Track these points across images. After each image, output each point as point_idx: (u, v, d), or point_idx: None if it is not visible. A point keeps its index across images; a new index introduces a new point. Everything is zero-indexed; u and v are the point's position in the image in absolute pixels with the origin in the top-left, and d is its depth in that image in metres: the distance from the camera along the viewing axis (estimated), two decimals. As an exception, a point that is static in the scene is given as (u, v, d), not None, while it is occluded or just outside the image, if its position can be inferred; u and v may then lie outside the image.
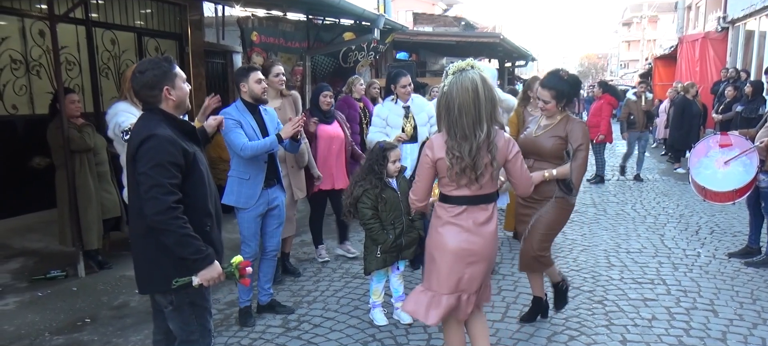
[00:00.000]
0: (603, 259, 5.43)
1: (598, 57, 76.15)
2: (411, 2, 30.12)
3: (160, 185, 2.35)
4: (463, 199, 2.77)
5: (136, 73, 2.52)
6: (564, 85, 3.61)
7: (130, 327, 4.07)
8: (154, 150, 2.37)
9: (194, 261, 2.43)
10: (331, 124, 5.24)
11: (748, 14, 13.10)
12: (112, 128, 3.97)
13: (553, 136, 3.60)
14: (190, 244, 2.41)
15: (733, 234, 6.19)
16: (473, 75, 2.67)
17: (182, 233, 2.39)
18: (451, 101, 2.67)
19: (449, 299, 2.82)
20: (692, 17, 22.33)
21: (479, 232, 2.79)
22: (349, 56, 9.18)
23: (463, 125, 2.65)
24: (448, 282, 2.81)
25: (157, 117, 2.50)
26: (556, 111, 3.64)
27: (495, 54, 18.09)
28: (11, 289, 4.77)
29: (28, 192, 6.21)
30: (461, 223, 2.78)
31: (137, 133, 2.46)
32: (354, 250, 5.53)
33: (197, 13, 8.26)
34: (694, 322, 4.02)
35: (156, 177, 2.35)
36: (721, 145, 5.18)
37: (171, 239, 2.38)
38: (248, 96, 3.92)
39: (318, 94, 5.20)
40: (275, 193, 4.04)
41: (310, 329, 4.00)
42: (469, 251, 2.78)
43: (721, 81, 12.05)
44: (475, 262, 2.81)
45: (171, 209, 2.36)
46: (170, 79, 2.51)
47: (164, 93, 2.50)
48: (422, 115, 5.03)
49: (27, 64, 6.45)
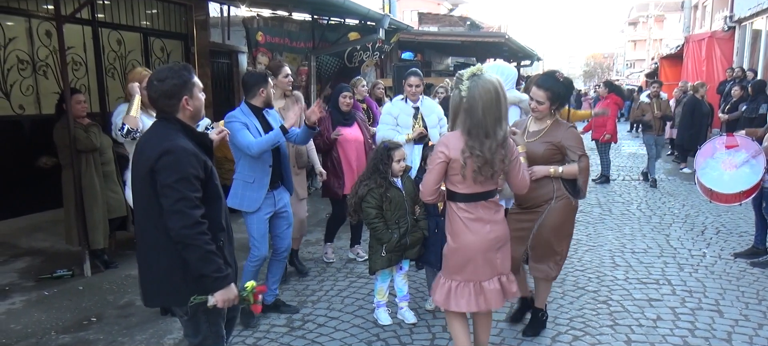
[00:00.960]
0: (608, 259, 5.41)
1: (604, 56, 75.94)
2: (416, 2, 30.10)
3: (186, 199, 2.31)
4: (475, 195, 2.94)
5: (155, 81, 2.45)
6: (560, 87, 3.51)
7: (136, 326, 4.08)
8: (178, 163, 2.32)
9: (214, 279, 2.39)
10: (352, 126, 5.22)
11: (755, 13, 13.03)
12: (113, 130, 3.95)
13: (544, 143, 3.51)
14: (213, 261, 2.37)
15: (739, 234, 6.17)
16: (491, 77, 2.85)
17: (207, 250, 2.34)
18: (475, 103, 2.81)
19: (493, 282, 3.04)
20: (699, 16, 22.25)
21: (496, 219, 3.03)
22: (354, 56, 9.18)
23: (486, 125, 2.81)
24: (485, 271, 3.02)
25: (175, 127, 2.44)
26: (547, 114, 3.54)
27: (500, 54, 18.06)
28: (18, 288, 4.80)
29: (35, 192, 6.26)
30: (483, 217, 2.98)
31: (156, 143, 2.38)
32: (364, 253, 5.47)
33: (203, 13, 8.29)
34: (699, 322, 4.01)
35: (182, 191, 2.30)
36: (727, 146, 5.17)
37: (195, 255, 2.33)
38: (262, 102, 3.93)
39: (337, 95, 5.19)
40: (281, 194, 4.05)
41: (314, 328, 4.01)
42: (496, 238, 3.01)
43: (727, 80, 12.00)
44: (503, 245, 3.07)
45: (198, 223, 2.32)
46: (189, 89, 2.47)
47: (183, 103, 2.45)
48: (432, 116, 4.99)
49: (34, 65, 6.49)
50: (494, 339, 3.76)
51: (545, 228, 3.55)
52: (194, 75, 2.52)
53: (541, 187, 3.51)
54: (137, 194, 2.49)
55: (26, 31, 6.40)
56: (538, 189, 3.50)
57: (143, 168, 2.38)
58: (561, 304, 4.35)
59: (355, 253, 5.51)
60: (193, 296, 2.40)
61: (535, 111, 3.56)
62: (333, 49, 8.96)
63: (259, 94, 3.90)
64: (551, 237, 3.57)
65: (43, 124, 5.86)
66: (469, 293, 3.02)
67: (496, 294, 3.04)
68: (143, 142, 2.49)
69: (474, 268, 3.01)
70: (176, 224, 2.29)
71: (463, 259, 3.02)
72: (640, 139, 16.92)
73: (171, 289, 2.45)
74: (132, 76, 4.11)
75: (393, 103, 5.11)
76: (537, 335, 3.82)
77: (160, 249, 2.41)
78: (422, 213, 4.00)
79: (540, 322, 3.86)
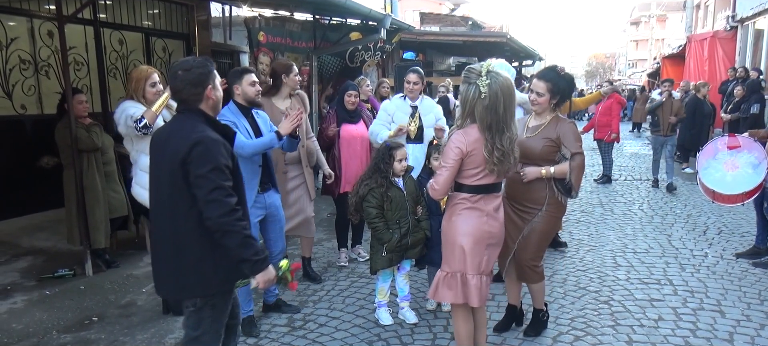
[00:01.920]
0: (609, 259, 5.41)
1: (606, 56, 75.84)
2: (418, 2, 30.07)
3: (221, 188, 2.36)
4: (481, 187, 3.01)
5: (180, 71, 2.49)
6: (561, 81, 3.49)
7: (137, 326, 4.09)
8: (210, 153, 2.37)
9: (254, 263, 2.44)
10: (357, 123, 5.22)
11: (757, 13, 13.01)
12: (123, 123, 3.86)
13: (543, 139, 3.48)
14: (252, 246, 2.43)
15: (742, 235, 6.16)
16: (505, 75, 2.95)
17: (245, 235, 2.40)
18: (497, 100, 2.87)
19: (476, 279, 3.04)
20: (701, 16, 22.21)
21: (496, 216, 3.08)
22: (356, 56, 9.18)
23: (507, 119, 2.92)
24: (472, 263, 3.03)
25: (199, 119, 2.49)
26: (547, 107, 3.51)
27: (502, 54, 18.04)
28: (20, 287, 4.81)
29: (37, 191, 6.26)
30: (481, 208, 3.03)
31: (184, 135, 2.41)
32: (365, 254, 5.47)
33: (204, 13, 8.28)
34: (700, 323, 4.00)
35: (216, 180, 2.35)
36: (729, 146, 5.16)
37: (235, 241, 2.38)
38: (242, 99, 3.82)
39: (343, 93, 5.19)
40: (271, 197, 3.96)
41: (315, 328, 4.01)
42: (490, 233, 3.05)
43: (729, 80, 11.99)
44: (494, 244, 3.13)
45: (235, 210, 2.37)
46: (212, 79, 2.53)
47: (207, 92, 2.50)
48: (430, 116, 4.98)
49: (36, 65, 6.49)
50: (495, 339, 3.76)
51: (535, 233, 3.54)
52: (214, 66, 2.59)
53: (534, 190, 3.49)
54: (163, 186, 2.49)
55: (28, 32, 6.41)
56: (531, 191, 3.49)
57: (172, 160, 2.40)
58: (562, 304, 4.34)
59: (356, 253, 5.51)
60: (237, 281, 2.51)
61: (535, 104, 3.54)
62: (334, 49, 8.96)
63: (235, 92, 3.81)
64: (537, 241, 3.57)
65: (45, 124, 5.87)
66: (456, 285, 3.07)
67: (476, 291, 3.05)
68: (166, 136, 2.51)
69: (461, 255, 3.03)
70: (214, 213, 2.34)
71: (451, 242, 3.07)
72: (641, 140, 16.95)
73: (200, 279, 2.49)
74: (137, 73, 4.08)
75: (392, 100, 5.12)
76: (538, 335, 3.81)
77: (191, 240, 2.44)
78: (424, 213, 4.00)
79: (541, 322, 3.85)
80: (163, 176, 2.47)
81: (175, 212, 2.44)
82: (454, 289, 3.07)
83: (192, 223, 2.41)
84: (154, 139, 2.61)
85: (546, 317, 3.87)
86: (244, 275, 2.51)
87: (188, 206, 2.40)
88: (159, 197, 2.53)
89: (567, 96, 3.62)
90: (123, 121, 3.86)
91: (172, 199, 2.44)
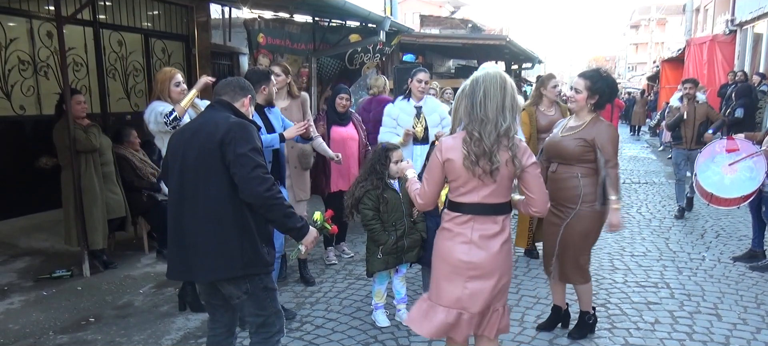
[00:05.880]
0: (607, 262, 5.41)
1: (606, 59, 75.79)
2: (418, 4, 30.17)
3: (262, 166, 2.52)
4: (470, 206, 2.58)
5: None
6: (601, 82, 3.47)
7: (134, 327, 4.09)
8: (248, 134, 2.55)
9: (299, 229, 2.65)
10: (346, 126, 5.27)
11: (756, 17, 13.04)
12: (153, 120, 3.91)
13: (577, 139, 3.47)
14: (293, 215, 2.62)
15: (739, 238, 6.16)
16: (502, 72, 2.65)
17: (287, 206, 2.59)
18: (477, 86, 2.56)
19: (447, 314, 2.63)
20: (700, 20, 22.26)
21: (485, 245, 2.59)
22: (355, 58, 9.18)
23: (486, 108, 2.51)
24: (446, 295, 2.63)
25: (230, 111, 2.70)
26: (584, 106, 3.50)
27: (501, 56, 18.04)
28: (17, 288, 4.81)
29: (35, 192, 6.26)
30: (464, 232, 2.60)
31: (219, 121, 2.57)
32: (350, 251, 5.61)
33: (204, 14, 8.30)
34: (697, 326, 4.00)
35: (256, 159, 2.51)
36: (727, 149, 5.16)
37: (280, 213, 2.55)
38: (263, 99, 3.96)
39: (335, 95, 5.27)
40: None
41: (312, 329, 4.01)
42: (470, 264, 2.58)
43: (728, 84, 12.00)
44: (478, 277, 2.59)
45: (275, 185, 2.55)
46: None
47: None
48: (434, 116, 5.00)
49: (35, 65, 6.50)
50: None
51: (574, 233, 3.52)
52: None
53: (566, 189, 3.51)
54: (187, 173, 2.56)
55: (27, 32, 6.41)
56: (563, 190, 3.51)
57: (205, 145, 2.53)
58: (559, 307, 4.34)
59: (340, 250, 5.56)
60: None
61: (572, 100, 3.57)
62: (334, 51, 8.97)
63: (261, 91, 3.92)
64: (577, 242, 3.55)
65: (44, 124, 5.88)
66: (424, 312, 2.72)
67: (434, 328, 2.65)
68: (197, 126, 2.66)
69: (436, 287, 2.69)
70: (259, 189, 2.47)
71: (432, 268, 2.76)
72: (640, 142, 16.93)
73: (252, 256, 2.58)
74: (161, 75, 4.11)
75: (394, 104, 5.13)
76: (583, 337, 3.78)
77: (233, 221, 2.53)
78: (420, 215, 3.99)
79: (587, 325, 3.80)
80: (189, 162, 2.56)
81: (207, 196, 2.52)
82: (433, 322, 2.66)
83: (235, 204, 2.52)
84: (181, 131, 2.75)
85: (593, 320, 3.82)
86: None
87: (230, 186, 2.51)
88: (196, 181, 2.55)
89: (607, 98, 3.55)
90: (153, 118, 3.93)
91: (213, 181, 2.52)
